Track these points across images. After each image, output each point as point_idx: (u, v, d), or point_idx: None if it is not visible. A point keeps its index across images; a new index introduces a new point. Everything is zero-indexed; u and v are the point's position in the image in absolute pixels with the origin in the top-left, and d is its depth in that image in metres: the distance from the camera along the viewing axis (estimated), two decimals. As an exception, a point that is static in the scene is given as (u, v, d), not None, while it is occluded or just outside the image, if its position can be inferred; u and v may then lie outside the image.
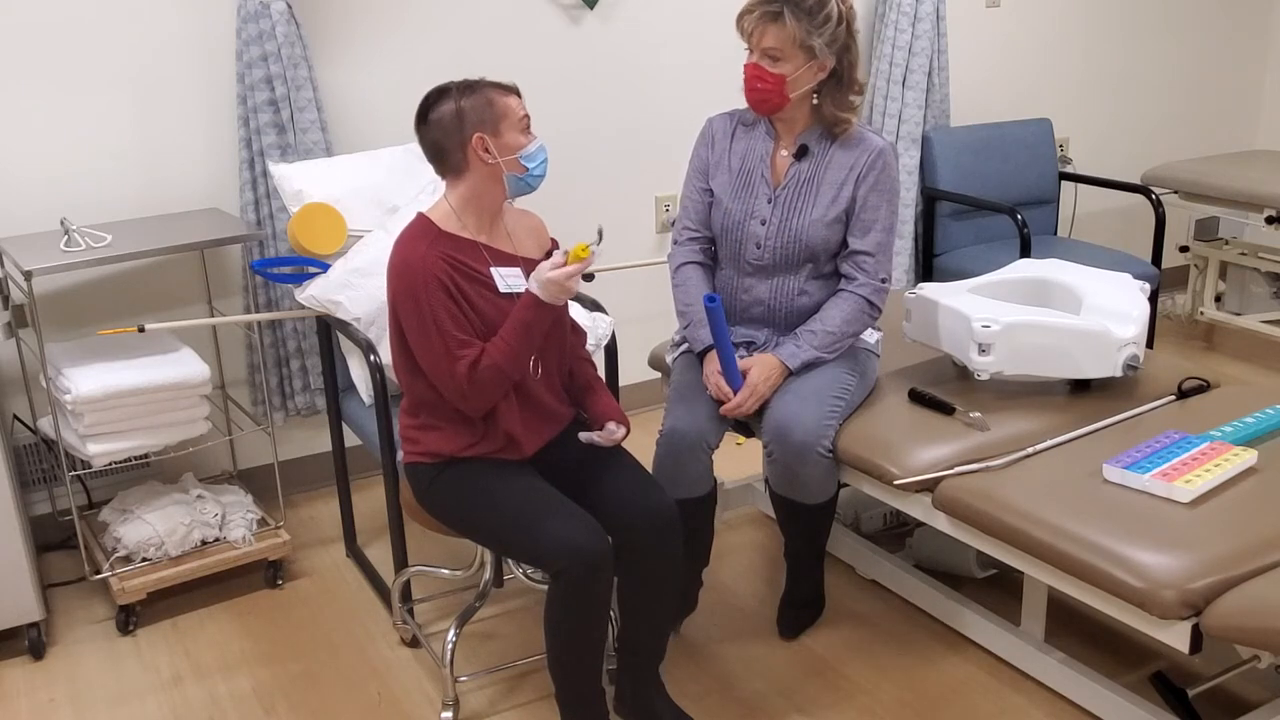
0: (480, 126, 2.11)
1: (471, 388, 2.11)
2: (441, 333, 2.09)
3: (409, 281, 2.10)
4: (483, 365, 2.11)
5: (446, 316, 2.09)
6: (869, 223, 2.47)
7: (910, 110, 4.03)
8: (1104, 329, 2.44)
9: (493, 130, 2.12)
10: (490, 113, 2.12)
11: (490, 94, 2.13)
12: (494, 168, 2.14)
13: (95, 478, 3.15)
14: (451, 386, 2.11)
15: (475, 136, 2.11)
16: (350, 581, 3.00)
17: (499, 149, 2.13)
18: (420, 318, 2.09)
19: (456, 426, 2.20)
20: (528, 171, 2.16)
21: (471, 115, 2.11)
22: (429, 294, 2.08)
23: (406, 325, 2.13)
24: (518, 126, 2.15)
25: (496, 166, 2.14)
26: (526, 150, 2.15)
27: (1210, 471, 2.14)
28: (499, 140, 2.13)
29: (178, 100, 3.08)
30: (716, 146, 2.59)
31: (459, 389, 2.11)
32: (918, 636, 2.67)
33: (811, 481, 2.42)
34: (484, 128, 2.12)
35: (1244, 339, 4.62)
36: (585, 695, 2.20)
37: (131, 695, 2.55)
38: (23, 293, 2.68)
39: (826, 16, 2.34)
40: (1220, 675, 2.34)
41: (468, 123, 2.11)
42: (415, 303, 2.09)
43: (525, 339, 2.13)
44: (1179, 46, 4.89)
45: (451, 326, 2.10)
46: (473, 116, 2.11)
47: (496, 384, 2.13)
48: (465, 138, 2.12)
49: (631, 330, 3.87)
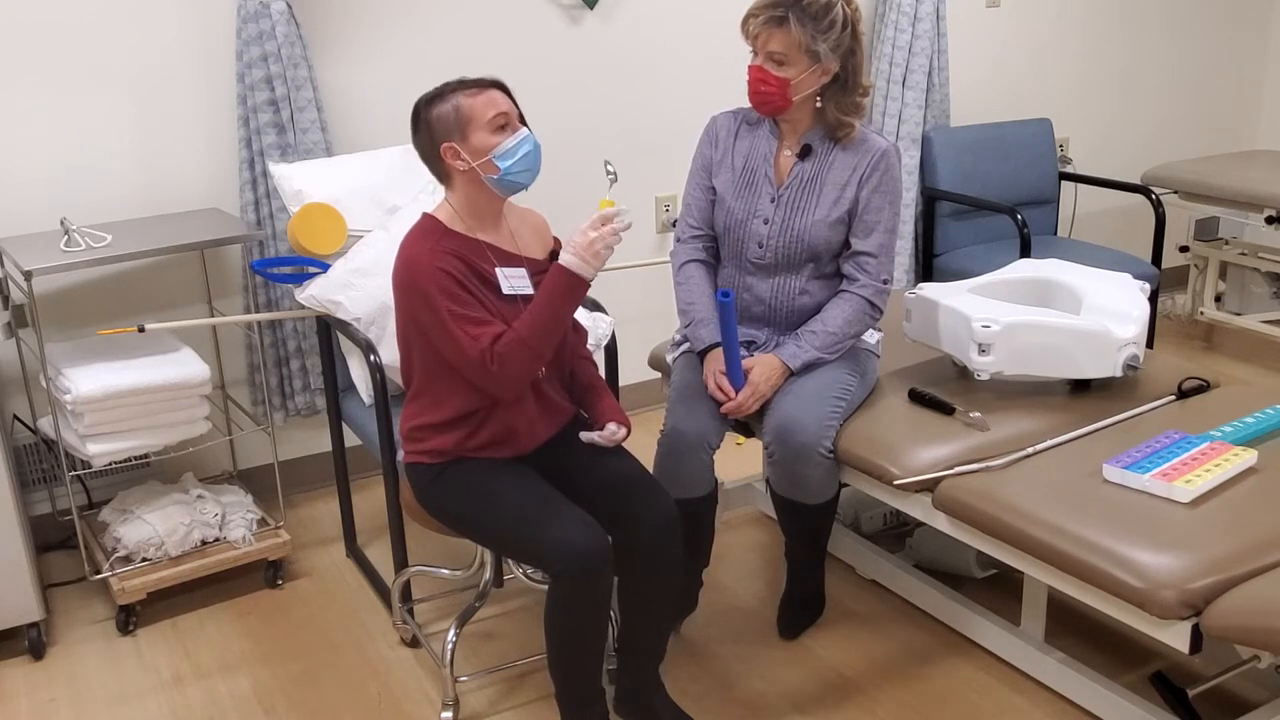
0: (448, 135, 2.12)
1: (497, 364, 2.08)
2: (454, 316, 2.08)
3: (414, 275, 2.09)
4: (505, 339, 2.09)
5: (457, 302, 2.08)
6: (871, 224, 2.47)
7: (910, 110, 4.03)
8: (1104, 329, 2.44)
9: (460, 136, 2.12)
10: (456, 119, 2.12)
11: (457, 99, 2.12)
12: (470, 173, 2.14)
13: (95, 478, 3.15)
14: (477, 366, 2.08)
15: (444, 146, 2.12)
16: (350, 581, 3.00)
17: (470, 153, 2.12)
18: (433, 309, 2.08)
19: (457, 423, 2.20)
20: (501, 171, 2.13)
21: (438, 126, 2.12)
22: (436, 281, 2.07)
23: (421, 320, 2.12)
24: (487, 127, 2.12)
25: (472, 171, 2.14)
26: (499, 149, 2.12)
27: (1210, 471, 2.14)
28: (468, 145, 2.12)
29: (178, 100, 3.08)
30: (720, 145, 2.59)
31: (483, 367, 2.08)
32: (918, 636, 2.67)
33: (812, 482, 2.42)
34: (451, 136, 2.12)
35: (1244, 339, 4.62)
36: (585, 695, 2.20)
37: (131, 695, 2.55)
38: (23, 293, 2.68)
39: (832, 21, 2.34)
40: (1220, 675, 2.34)
41: (435, 133, 2.13)
42: (424, 296, 2.08)
43: (552, 313, 2.10)
44: (1179, 46, 4.89)
45: (464, 308, 2.09)
46: (439, 127, 2.12)
47: (522, 359, 2.09)
48: (437, 149, 2.13)
49: (631, 330, 3.86)
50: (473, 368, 2.09)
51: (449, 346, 2.10)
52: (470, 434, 2.20)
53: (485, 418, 2.20)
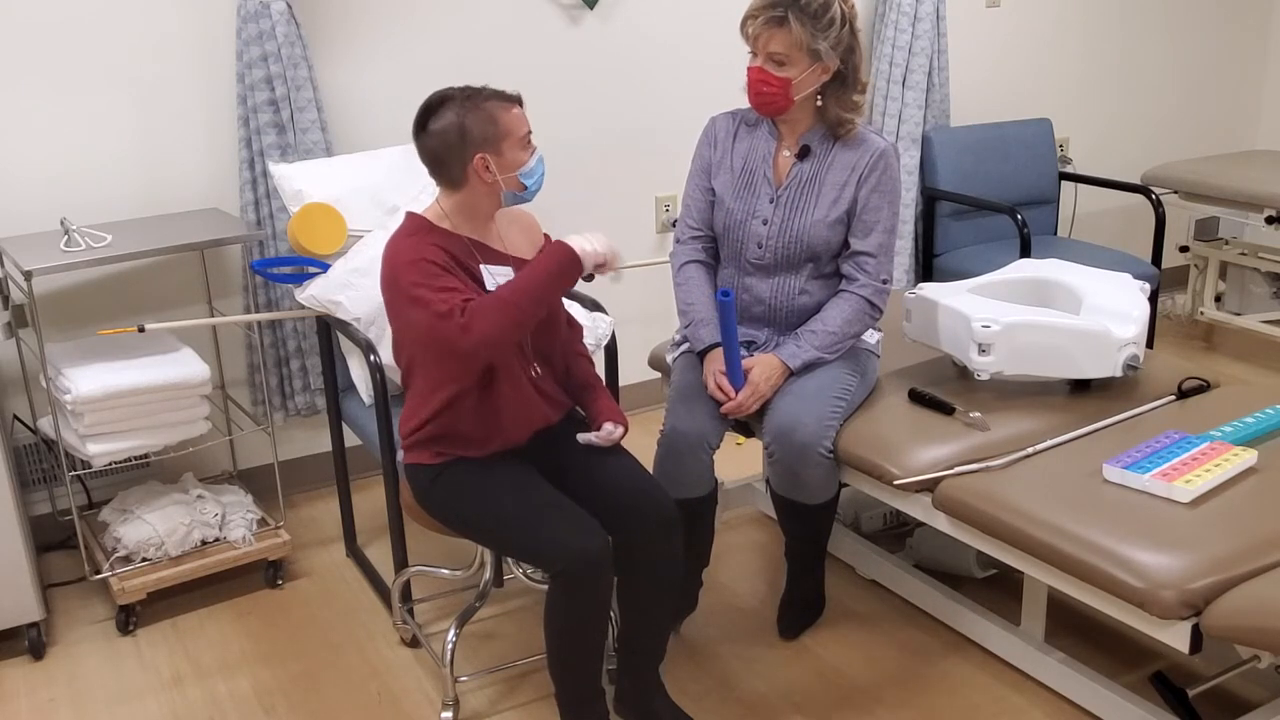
0: (483, 146, 2.08)
1: (466, 316, 1.99)
2: (426, 286, 2.02)
3: (395, 269, 2.07)
4: (481, 298, 2.03)
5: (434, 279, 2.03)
6: (870, 223, 2.47)
7: (910, 110, 4.03)
8: (1104, 329, 2.44)
9: (495, 150, 2.09)
10: (494, 131, 2.08)
11: (494, 110, 2.08)
12: (493, 184, 2.13)
13: (95, 478, 3.15)
14: (445, 320, 1.99)
15: (478, 157, 2.08)
16: (350, 581, 3.00)
17: (500, 167, 2.10)
18: (409, 286, 2.03)
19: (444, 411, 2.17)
20: (528, 189, 2.16)
21: (475, 134, 2.07)
22: (416, 266, 2.04)
23: (399, 299, 2.07)
24: (520, 144, 2.12)
25: (496, 184, 2.12)
26: (526, 167, 2.13)
27: (1210, 471, 2.14)
28: (500, 159, 2.10)
29: (178, 100, 3.08)
30: (719, 146, 2.59)
31: (451, 319, 1.99)
32: (918, 636, 2.67)
33: (812, 482, 2.42)
34: (486, 147, 2.08)
35: (1244, 339, 4.62)
36: (585, 695, 2.20)
37: (131, 695, 2.55)
38: (23, 293, 2.68)
39: (831, 20, 2.35)
40: (1220, 675, 2.34)
41: (470, 142, 2.07)
42: (402, 285, 2.05)
43: (534, 283, 2.06)
44: (1179, 46, 4.89)
45: (437, 280, 2.03)
46: (476, 135, 2.07)
47: (495, 316, 2.00)
48: (467, 157, 2.09)
49: (631, 330, 3.87)
50: (441, 321, 2.00)
51: (419, 310, 2.02)
52: (458, 419, 2.17)
53: (471, 402, 2.16)
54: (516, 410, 2.21)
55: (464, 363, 2.09)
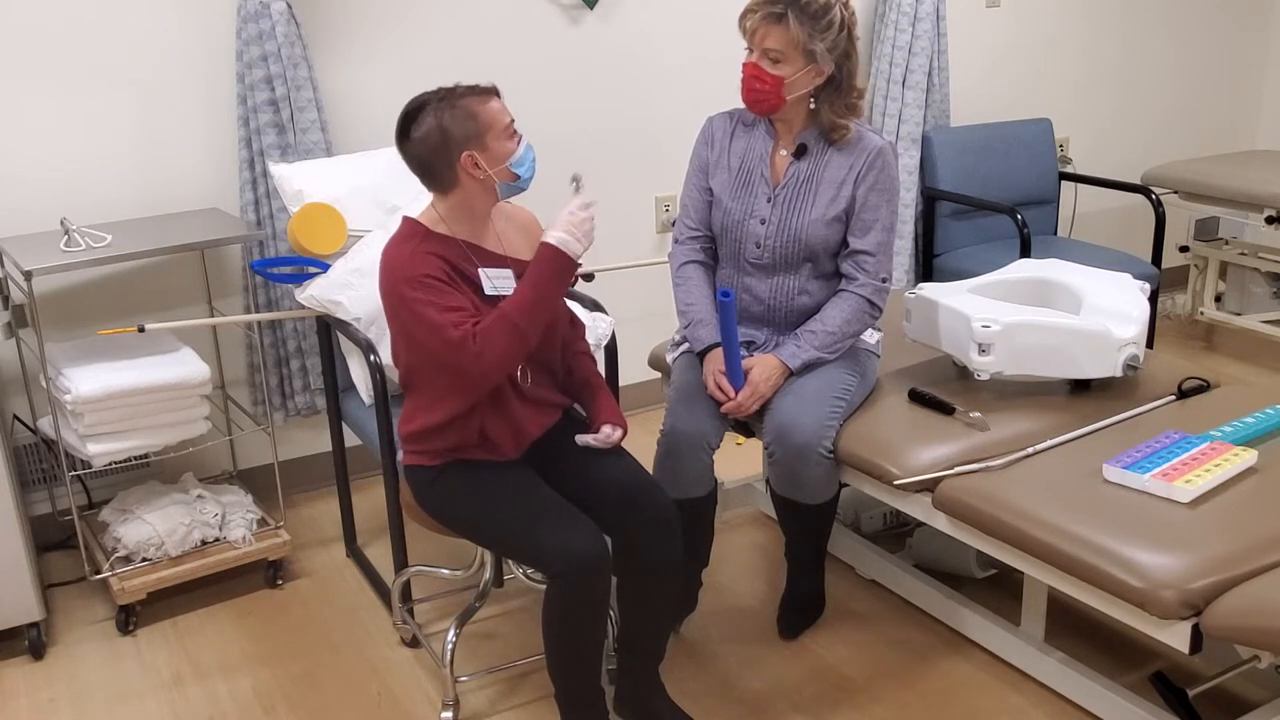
0: (467, 143, 2.07)
1: (479, 342, 2.02)
2: (436, 306, 2.04)
3: (394, 279, 2.07)
4: (489, 318, 2.05)
5: (437, 295, 2.05)
6: (869, 222, 2.47)
7: (910, 110, 4.03)
8: (1104, 329, 2.44)
9: (479, 145, 2.08)
10: (474, 126, 2.07)
11: (471, 105, 2.08)
12: (485, 180, 2.12)
13: (95, 478, 3.15)
14: (458, 347, 2.02)
15: (464, 155, 2.08)
16: (350, 581, 3.00)
17: (488, 161, 2.09)
18: (412, 308, 2.05)
19: (449, 427, 2.18)
20: (520, 179, 2.14)
21: (456, 132, 2.06)
22: (416, 282, 2.05)
23: (402, 319, 2.09)
24: (504, 134, 2.11)
25: (489, 179, 2.12)
26: (515, 156, 2.12)
27: (1210, 471, 2.14)
28: (487, 154, 2.09)
29: (178, 100, 3.08)
30: (716, 146, 2.59)
31: (465, 346, 2.02)
32: (918, 636, 2.67)
33: (812, 482, 2.42)
34: (471, 144, 2.07)
35: (1244, 339, 4.62)
36: (585, 695, 2.20)
37: (131, 695, 2.55)
38: (23, 293, 2.68)
39: (829, 22, 2.34)
40: (1220, 675, 2.34)
41: (453, 142, 2.07)
42: (404, 297, 2.06)
43: (538, 293, 2.07)
44: (1179, 46, 4.89)
45: (444, 299, 2.05)
46: (458, 133, 2.06)
47: (507, 338, 2.04)
48: (453, 157, 2.08)
49: (631, 330, 3.86)
50: (455, 349, 2.03)
51: (431, 335, 2.04)
52: (459, 436, 2.18)
53: (468, 420, 2.17)
54: (501, 428, 2.21)
55: (478, 387, 2.12)
